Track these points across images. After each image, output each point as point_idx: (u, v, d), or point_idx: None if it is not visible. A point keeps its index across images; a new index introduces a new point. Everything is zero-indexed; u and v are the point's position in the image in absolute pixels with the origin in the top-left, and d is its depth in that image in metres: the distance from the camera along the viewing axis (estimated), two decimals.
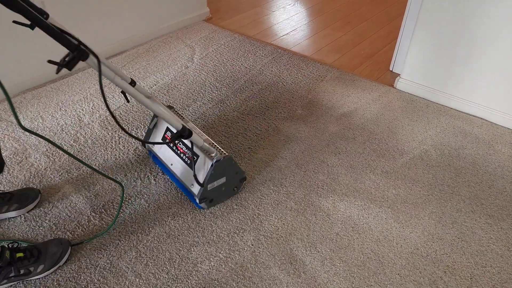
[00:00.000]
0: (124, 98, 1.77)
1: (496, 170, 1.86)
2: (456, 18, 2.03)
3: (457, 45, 2.10)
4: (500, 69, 2.02)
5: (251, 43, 2.87)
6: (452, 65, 2.16)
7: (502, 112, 2.11)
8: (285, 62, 2.66)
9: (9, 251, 1.31)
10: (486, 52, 2.03)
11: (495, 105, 2.12)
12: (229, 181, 1.62)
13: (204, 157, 1.54)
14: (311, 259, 1.48)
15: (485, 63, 2.06)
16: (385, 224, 1.61)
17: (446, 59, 2.17)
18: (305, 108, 2.24)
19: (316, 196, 1.72)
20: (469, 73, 2.13)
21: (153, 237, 1.53)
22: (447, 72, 2.20)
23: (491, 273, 1.45)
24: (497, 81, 2.06)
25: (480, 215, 1.65)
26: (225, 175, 1.59)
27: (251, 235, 1.56)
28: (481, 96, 2.15)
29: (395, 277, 1.43)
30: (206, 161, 1.53)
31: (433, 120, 2.18)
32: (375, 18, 3.42)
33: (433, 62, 2.23)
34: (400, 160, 1.92)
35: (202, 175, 1.54)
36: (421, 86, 2.33)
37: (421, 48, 2.23)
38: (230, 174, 1.61)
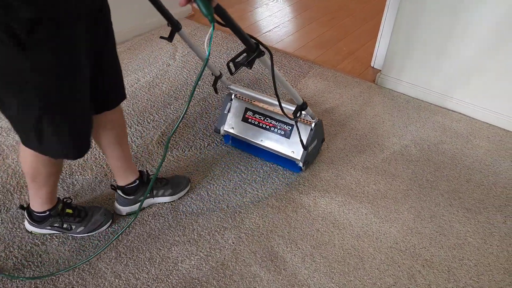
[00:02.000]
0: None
1: (474, 164, 1.89)
2: (434, 14, 2.05)
3: (435, 41, 2.12)
4: (477, 65, 2.05)
5: (234, 41, 2.86)
6: (431, 61, 2.19)
7: (479, 107, 2.14)
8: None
9: (62, 204, 1.47)
10: (463, 48, 2.05)
11: (473, 100, 2.15)
12: (317, 143, 1.83)
13: (299, 125, 1.71)
14: (292, 255, 1.48)
15: (462, 59, 2.08)
16: (365, 220, 1.63)
17: (425, 55, 2.19)
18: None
19: (297, 192, 1.73)
20: (447, 68, 2.16)
21: (133, 237, 1.52)
22: (426, 68, 2.23)
23: (468, 266, 1.47)
24: (474, 77, 2.09)
25: (458, 209, 1.68)
26: (317, 137, 1.78)
27: (232, 233, 1.56)
28: (459, 91, 2.17)
29: (374, 272, 1.44)
30: (302, 129, 1.71)
31: (413, 115, 2.20)
32: (359, 13, 3.44)
33: (412, 58, 2.25)
34: (381, 155, 1.94)
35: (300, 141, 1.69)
36: (401, 82, 2.35)
37: (400, 44, 2.25)
38: (319, 136, 1.83)
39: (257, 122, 1.81)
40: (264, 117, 1.80)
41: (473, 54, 2.04)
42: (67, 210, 1.47)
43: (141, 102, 2.21)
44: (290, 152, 1.75)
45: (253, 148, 1.87)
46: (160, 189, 1.63)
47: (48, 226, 1.47)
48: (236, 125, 1.86)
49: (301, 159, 1.73)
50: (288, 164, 1.82)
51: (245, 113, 1.84)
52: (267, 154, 1.85)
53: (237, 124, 1.86)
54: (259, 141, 1.81)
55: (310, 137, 1.71)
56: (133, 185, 1.55)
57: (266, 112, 1.81)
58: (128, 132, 1.99)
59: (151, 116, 2.11)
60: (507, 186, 1.78)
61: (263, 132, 1.80)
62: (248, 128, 1.83)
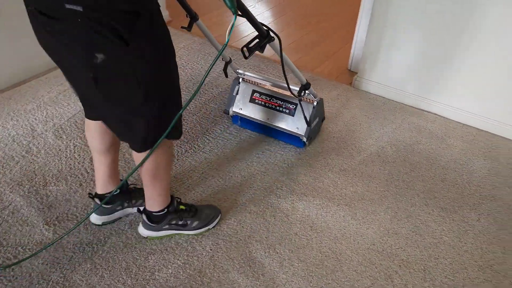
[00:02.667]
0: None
1: (449, 164, 1.92)
2: (406, 17, 2.09)
3: (408, 44, 2.15)
4: (450, 66, 2.09)
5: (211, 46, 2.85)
6: (405, 63, 2.22)
7: (453, 107, 2.18)
8: (246, 64, 2.66)
9: (177, 201, 1.51)
10: (436, 50, 2.09)
11: (447, 100, 2.19)
12: (319, 121, 1.99)
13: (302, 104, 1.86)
14: (270, 260, 1.48)
15: (435, 61, 2.12)
16: (342, 222, 1.64)
17: (399, 58, 2.22)
18: None
19: (275, 197, 1.73)
20: (421, 70, 2.19)
21: (109, 247, 1.50)
22: (400, 70, 2.26)
23: (444, 264, 1.49)
24: (448, 78, 2.13)
25: (434, 208, 1.70)
26: (318, 115, 1.94)
27: (210, 239, 1.55)
28: (433, 92, 2.21)
29: (352, 273, 1.45)
30: (305, 107, 1.86)
31: (389, 117, 2.23)
32: (336, 17, 3.47)
33: (387, 60, 2.28)
34: (358, 157, 1.95)
35: (304, 118, 1.86)
36: (377, 84, 2.38)
37: (375, 47, 2.28)
38: (320, 115, 1.99)
39: (264, 103, 1.98)
40: (270, 97, 1.97)
41: (445, 55, 2.08)
42: (181, 206, 1.52)
43: None
44: (295, 129, 1.92)
45: (260, 127, 2.04)
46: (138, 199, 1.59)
47: (166, 225, 1.50)
48: (244, 106, 2.02)
49: (305, 134, 1.90)
50: (293, 140, 1.98)
51: (252, 94, 2.00)
52: (273, 132, 2.01)
53: (245, 105, 2.02)
54: (266, 120, 1.98)
55: (312, 114, 1.88)
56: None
57: (272, 93, 1.97)
58: None
59: None
60: (480, 184, 1.82)
61: (269, 112, 1.97)
62: (256, 109, 2.00)
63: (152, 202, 1.44)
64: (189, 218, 1.53)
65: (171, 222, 1.50)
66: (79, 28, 0.95)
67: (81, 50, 1.00)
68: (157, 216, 1.47)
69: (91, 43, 0.98)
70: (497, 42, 1.91)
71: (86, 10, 0.92)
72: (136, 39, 1.00)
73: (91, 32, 0.96)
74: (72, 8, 0.91)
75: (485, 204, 1.72)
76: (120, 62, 1.04)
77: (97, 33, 0.95)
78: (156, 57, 1.09)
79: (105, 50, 0.99)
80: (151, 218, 1.48)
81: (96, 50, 0.98)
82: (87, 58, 1.00)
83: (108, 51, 1.00)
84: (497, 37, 1.90)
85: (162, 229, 1.50)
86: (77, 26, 0.95)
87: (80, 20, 0.93)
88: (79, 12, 0.92)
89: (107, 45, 0.98)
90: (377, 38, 2.24)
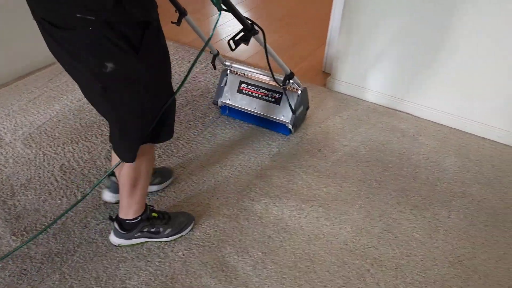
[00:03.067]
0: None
1: (420, 162, 1.95)
2: (376, 18, 2.11)
3: (379, 45, 2.18)
4: (421, 66, 2.12)
5: (186, 50, 2.85)
6: (377, 64, 2.25)
7: (425, 106, 2.21)
8: (220, 68, 2.66)
9: (149, 208, 1.49)
10: (406, 50, 2.12)
11: (418, 99, 2.22)
12: (303, 110, 2.08)
13: (287, 93, 1.95)
14: (243, 264, 1.48)
15: (405, 61, 2.15)
16: (316, 223, 1.64)
17: (371, 58, 2.25)
18: None
19: (249, 200, 1.73)
20: (393, 71, 2.22)
21: (79, 257, 1.47)
22: (372, 71, 2.28)
23: (415, 261, 1.51)
24: (418, 77, 2.16)
25: (406, 206, 1.72)
26: (302, 104, 2.04)
27: (182, 245, 1.53)
28: (405, 92, 2.24)
29: (325, 274, 1.45)
30: (290, 95, 1.96)
31: (362, 117, 2.25)
32: (309, 20, 3.49)
33: (359, 61, 2.30)
34: (332, 158, 1.96)
35: (289, 106, 1.96)
36: (350, 85, 2.40)
37: (346, 49, 2.30)
38: (305, 103, 2.08)
39: (251, 93, 2.07)
40: (256, 87, 2.06)
41: (415, 55, 2.11)
42: (153, 214, 1.50)
43: (89, 117, 2.15)
44: (281, 117, 2.01)
45: (248, 116, 2.12)
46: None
47: (138, 233, 1.47)
48: (232, 97, 2.11)
49: (290, 122, 1.99)
50: (279, 128, 2.07)
51: (240, 85, 2.09)
52: (260, 120, 2.11)
53: (233, 95, 2.11)
54: (253, 109, 2.06)
55: (297, 102, 1.97)
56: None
57: (258, 83, 2.06)
58: (75, 148, 1.94)
59: (99, 130, 2.06)
60: (451, 181, 1.85)
61: (256, 101, 2.06)
62: (243, 99, 2.09)
63: (127, 210, 1.42)
64: (161, 225, 1.51)
65: (143, 229, 1.48)
66: (90, 37, 0.96)
67: (91, 59, 1.01)
68: (130, 224, 1.45)
69: (102, 52, 0.99)
70: (465, 43, 1.94)
71: (99, 19, 0.93)
72: (145, 46, 1.03)
73: (103, 40, 0.96)
74: (84, 17, 0.92)
75: (456, 201, 1.75)
76: (129, 70, 1.06)
77: (109, 40, 0.97)
78: (159, 61, 1.15)
79: (114, 59, 1.00)
80: (123, 226, 1.45)
81: (106, 59, 1.00)
82: (97, 68, 1.01)
83: (118, 59, 1.01)
84: (465, 38, 1.93)
85: (134, 237, 1.48)
86: (88, 35, 0.96)
87: (92, 29, 0.95)
88: (90, 21, 0.93)
89: (117, 53, 0.99)
90: (348, 39, 2.26)
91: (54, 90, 2.35)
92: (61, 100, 2.27)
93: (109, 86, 1.07)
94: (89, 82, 1.10)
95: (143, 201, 1.44)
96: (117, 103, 1.13)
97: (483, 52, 1.92)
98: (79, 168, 1.83)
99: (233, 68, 2.11)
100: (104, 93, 1.08)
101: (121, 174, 1.33)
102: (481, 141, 2.09)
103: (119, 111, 1.15)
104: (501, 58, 1.90)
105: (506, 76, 1.92)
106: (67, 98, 2.29)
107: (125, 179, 1.32)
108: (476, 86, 2.02)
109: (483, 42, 1.90)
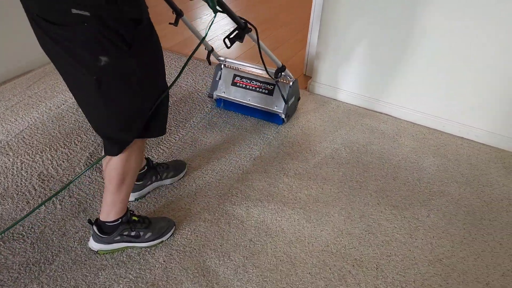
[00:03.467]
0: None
1: (400, 163, 1.97)
2: (354, 22, 2.13)
3: (358, 47, 2.20)
4: (398, 68, 2.15)
5: (167, 55, 2.84)
6: (356, 66, 2.27)
7: (404, 107, 2.24)
8: (201, 72, 2.66)
9: (130, 212, 1.48)
10: (383, 52, 2.14)
11: (397, 101, 2.25)
12: (295, 100, 2.19)
13: (279, 84, 2.07)
14: (224, 268, 1.47)
15: (384, 63, 2.17)
16: (297, 225, 1.65)
17: (350, 61, 2.27)
18: (221, 117, 2.25)
19: (230, 204, 1.72)
20: (372, 72, 2.24)
21: (57, 266, 1.45)
22: (352, 73, 2.31)
23: (395, 261, 1.52)
24: (397, 79, 2.19)
25: (386, 207, 1.74)
26: (294, 94, 2.15)
27: (163, 251, 1.52)
28: (384, 93, 2.27)
29: (306, 276, 1.46)
30: (282, 87, 2.07)
31: (343, 119, 2.26)
32: (290, 24, 3.52)
33: (338, 64, 2.32)
34: (313, 160, 1.97)
35: (282, 97, 2.08)
36: (331, 88, 2.42)
37: (327, 52, 2.32)
38: (296, 94, 2.20)
39: (245, 85, 2.17)
40: (250, 80, 2.16)
41: (392, 58, 2.13)
42: (133, 217, 1.49)
43: (68, 123, 2.13)
44: (274, 107, 2.12)
45: (242, 107, 2.23)
46: (163, 172, 1.75)
47: (117, 237, 1.46)
48: (226, 89, 2.21)
49: (283, 111, 2.11)
50: (272, 118, 2.19)
51: (234, 78, 2.19)
52: (253, 112, 2.22)
53: (228, 88, 2.21)
54: (247, 100, 2.16)
55: (289, 93, 2.08)
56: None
57: (252, 76, 2.16)
58: (54, 155, 1.91)
59: (78, 137, 2.04)
60: (430, 181, 1.87)
61: (250, 93, 2.16)
62: (237, 91, 2.19)
63: (110, 209, 1.41)
64: (142, 229, 1.50)
65: (123, 233, 1.46)
66: (86, 33, 0.99)
67: (86, 53, 1.04)
68: (110, 226, 1.43)
69: (97, 46, 1.02)
70: (438, 44, 1.97)
71: (94, 15, 0.96)
72: (137, 42, 1.07)
73: (97, 36, 1.00)
74: (79, 13, 0.95)
75: (435, 200, 1.77)
76: (122, 65, 1.09)
77: (103, 36, 1.00)
78: (152, 58, 1.18)
79: (109, 53, 1.04)
80: (103, 229, 1.44)
81: (101, 53, 1.03)
82: (92, 62, 1.04)
83: (112, 54, 1.04)
84: (435, 41, 1.97)
85: (114, 241, 1.46)
86: (83, 30, 0.99)
87: (87, 25, 0.98)
88: (86, 17, 0.96)
89: (111, 48, 1.03)
90: (327, 43, 2.29)
91: (33, 97, 2.32)
92: (40, 107, 2.24)
93: (103, 80, 1.09)
94: (82, 78, 1.10)
95: (127, 201, 1.43)
96: (110, 97, 1.14)
97: (457, 53, 1.96)
98: (58, 176, 1.81)
99: (227, 63, 2.22)
100: (98, 87, 1.10)
101: (109, 169, 1.31)
102: (459, 141, 2.12)
103: (111, 106, 1.17)
104: (475, 58, 1.93)
105: (481, 76, 1.96)
106: (46, 105, 2.26)
107: (113, 174, 1.31)
108: (452, 86, 2.06)
109: (457, 43, 1.93)
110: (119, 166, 1.30)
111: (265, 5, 3.94)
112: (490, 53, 1.88)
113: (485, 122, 2.07)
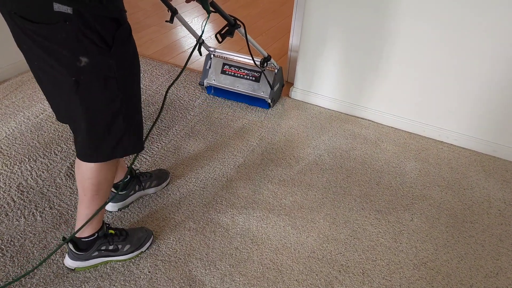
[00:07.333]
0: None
1: (383, 167, 2.00)
2: (332, 28, 2.16)
3: (339, 54, 2.23)
4: (378, 74, 2.18)
5: (147, 63, 2.82)
6: (337, 72, 2.29)
7: (385, 113, 2.27)
8: (182, 80, 2.64)
9: (105, 225, 1.45)
10: (364, 59, 2.17)
11: (378, 106, 2.28)
12: (279, 86, 2.39)
13: (265, 72, 2.27)
14: (211, 277, 1.45)
15: (365, 69, 2.20)
16: (283, 232, 1.64)
17: (331, 67, 2.29)
18: (204, 124, 2.24)
19: (215, 212, 1.71)
20: (353, 79, 2.27)
21: (39, 280, 1.41)
22: (333, 80, 2.33)
23: (381, 266, 1.53)
24: (378, 84, 2.22)
25: (370, 212, 1.75)
26: (279, 81, 2.35)
27: (148, 261, 1.50)
28: (365, 99, 2.30)
29: (293, 283, 1.45)
30: (267, 74, 2.28)
31: (325, 125, 2.28)
32: (270, 31, 3.54)
33: (320, 71, 2.34)
34: (296, 167, 1.98)
35: (268, 83, 2.28)
36: (313, 94, 2.44)
37: (308, 59, 2.34)
38: (281, 81, 2.39)
39: (233, 73, 2.36)
40: (238, 68, 2.35)
41: (369, 64, 2.16)
42: (110, 231, 1.46)
43: (48, 133, 2.08)
44: (261, 93, 2.31)
45: (231, 94, 2.41)
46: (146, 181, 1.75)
47: (95, 252, 1.42)
48: (216, 77, 2.39)
49: (269, 96, 2.31)
50: (259, 103, 2.38)
51: (223, 67, 2.37)
52: (242, 97, 2.41)
53: (217, 76, 2.38)
54: (236, 87, 2.35)
55: (275, 79, 2.30)
56: None
57: (240, 64, 2.36)
58: (33, 166, 1.87)
59: (58, 147, 1.99)
60: (412, 185, 1.90)
61: (238, 80, 2.35)
62: (226, 79, 2.37)
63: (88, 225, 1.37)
64: (120, 242, 1.46)
65: (100, 248, 1.42)
66: (67, 31, 0.97)
67: (66, 53, 1.01)
68: (86, 242, 1.39)
69: (78, 46, 1.00)
70: (409, 51, 2.01)
71: (76, 13, 0.95)
72: (117, 44, 1.06)
73: (79, 35, 0.98)
74: (61, 11, 0.93)
75: (417, 204, 1.80)
76: (102, 65, 1.07)
77: (84, 36, 0.99)
78: (130, 61, 1.16)
79: (89, 53, 1.02)
80: (79, 246, 1.40)
81: (81, 54, 1.02)
82: (72, 62, 1.02)
83: (92, 54, 1.03)
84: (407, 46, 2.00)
85: (91, 257, 1.42)
86: (65, 29, 0.96)
87: (69, 23, 0.96)
88: (68, 15, 0.94)
89: (91, 48, 1.02)
90: (307, 49, 2.31)
91: (10, 107, 2.27)
92: (18, 117, 2.19)
93: (82, 81, 1.06)
94: (60, 78, 1.07)
95: (102, 214, 1.39)
96: (88, 98, 1.11)
97: (429, 58, 2.00)
98: (37, 187, 1.77)
99: (216, 53, 2.39)
100: (76, 88, 1.07)
101: (83, 179, 1.27)
102: (440, 145, 2.17)
103: (89, 109, 1.13)
104: (447, 63, 1.97)
105: (455, 81, 2.01)
106: (23, 114, 2.21)
107: (88, 184, 1.27)
108: (427, 91, 2.10)
109: (428, 48, 1.97)
110: (94, 176, 1.26)
111: (247, 11, 3.95)
112: (462, 58, 1.93)
113: (462, 126, 2.12)
